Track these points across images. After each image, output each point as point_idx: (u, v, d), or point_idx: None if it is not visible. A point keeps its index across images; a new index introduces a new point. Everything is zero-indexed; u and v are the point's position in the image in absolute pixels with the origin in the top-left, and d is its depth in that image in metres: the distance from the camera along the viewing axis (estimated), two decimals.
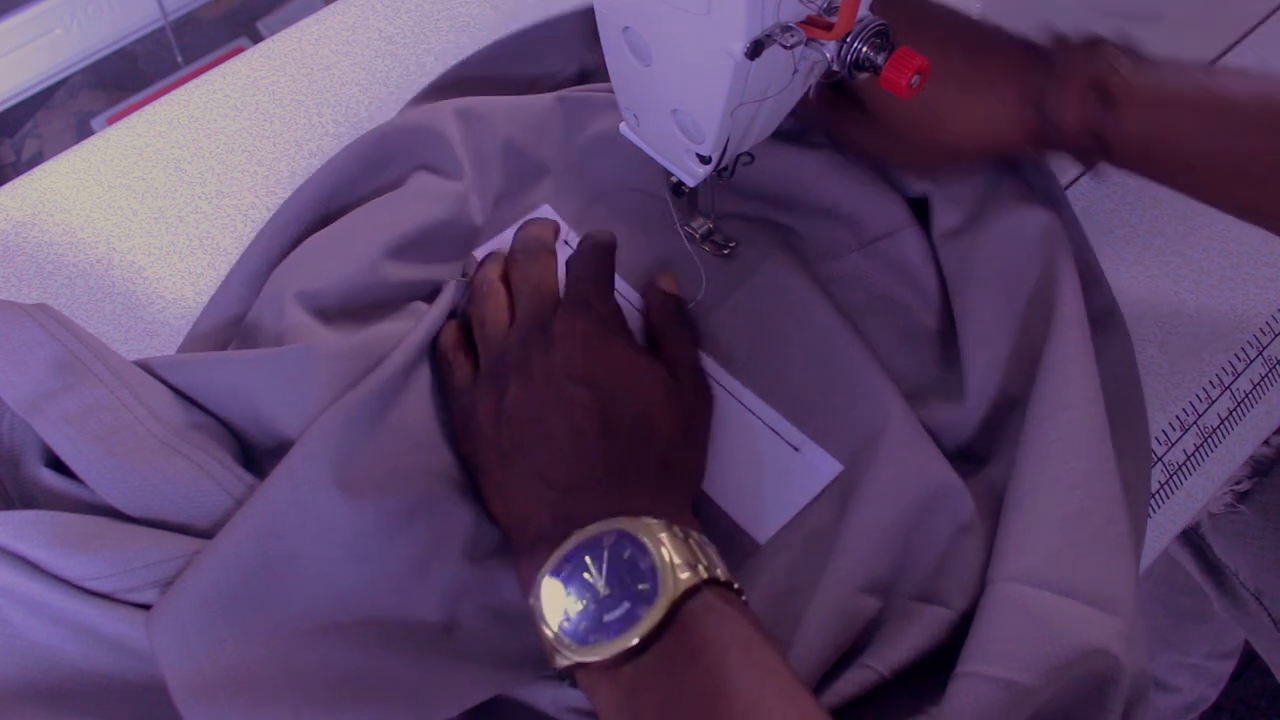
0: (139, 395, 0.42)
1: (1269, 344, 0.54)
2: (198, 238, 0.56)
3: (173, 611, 0.38)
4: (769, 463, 0.48)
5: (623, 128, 0.50)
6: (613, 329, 0.47)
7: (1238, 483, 0.66)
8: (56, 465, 0.42)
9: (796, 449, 0.49)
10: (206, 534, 0.41)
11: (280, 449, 0.43)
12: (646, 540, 0.38)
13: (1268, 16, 0.64)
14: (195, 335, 0.51)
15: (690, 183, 0.49)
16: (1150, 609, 0.88)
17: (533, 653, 0.40)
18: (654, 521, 0.39)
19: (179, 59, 1.22)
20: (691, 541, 0.39)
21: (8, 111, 1.18)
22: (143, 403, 0.42)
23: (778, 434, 0.49)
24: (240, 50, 0.69)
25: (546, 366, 0.45)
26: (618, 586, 0.38)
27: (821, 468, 0.48)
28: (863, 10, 0.38)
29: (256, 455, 0.45)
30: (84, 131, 1.24)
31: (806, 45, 0.38)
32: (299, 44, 0.63)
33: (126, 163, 0.58)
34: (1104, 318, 0.51)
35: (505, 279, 0.51)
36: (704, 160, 0.46)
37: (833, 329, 0.50)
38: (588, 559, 0.38)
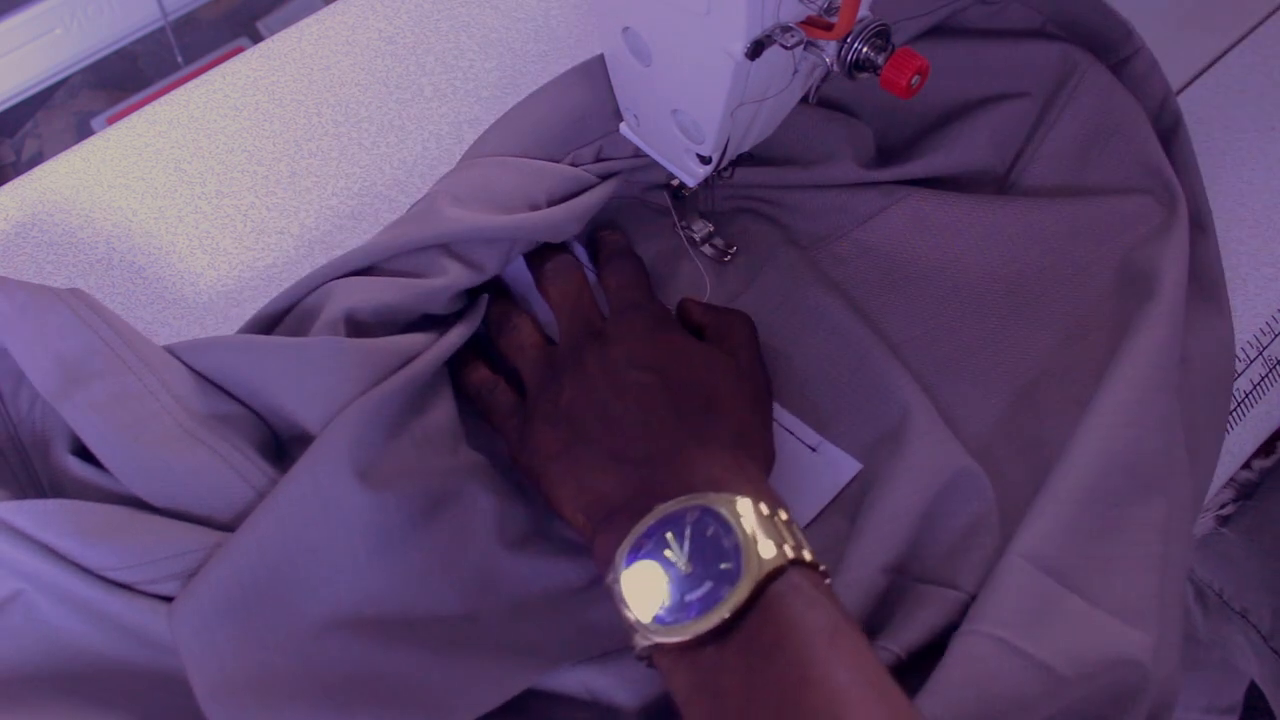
0: (166, 383, 0.42)
1: (1269, 344, 0.54)
2: (198, 238, 0.56)
3: (194, 606, 0.38)
4: (788, 465, 0.48)
5: (623, 128, 0.50)
6: (669, 323, 0.47)
7: (1221, 506, 0.66)
8: (84, 453, 0.42)
9: (814, 449, 0.48)
10: (229, 526, 0.41)
11: (304, 439, 0.43)
12: (730, 517, 0.36)
13: (1268, 16, 0.64)
14: (257, 318, 0.49)
15: (690, 183, 0.49)
16: None
17: (562, 642, 0.40)
18: (739, 497, 0.37)
19: (179, 59, 1.22)
20: (777, 519, 0.37)
21: (8, 111, 1.18)
22: (170, 391, 0.42)
23: (794, 435, 0.49)
24: (240, 50, 0.69)
25: (603, 363, 0.44)
26: (700, 564, 0.36)
27: (841, 467, 0.48)
28: (863, 10, 0.38)
29: (285, 444, 0.45)
30: (84, 131, 1.24)
31: (806, 45, 0.38)
32: (299, 44, 0.63)
33: (126, 163, 0.58)
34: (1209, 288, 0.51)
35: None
36: (704, 160, 0.46)
37: (843, 326, 0.50)
38: (669, 535, 0.37)
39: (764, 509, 0.37)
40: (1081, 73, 0.53)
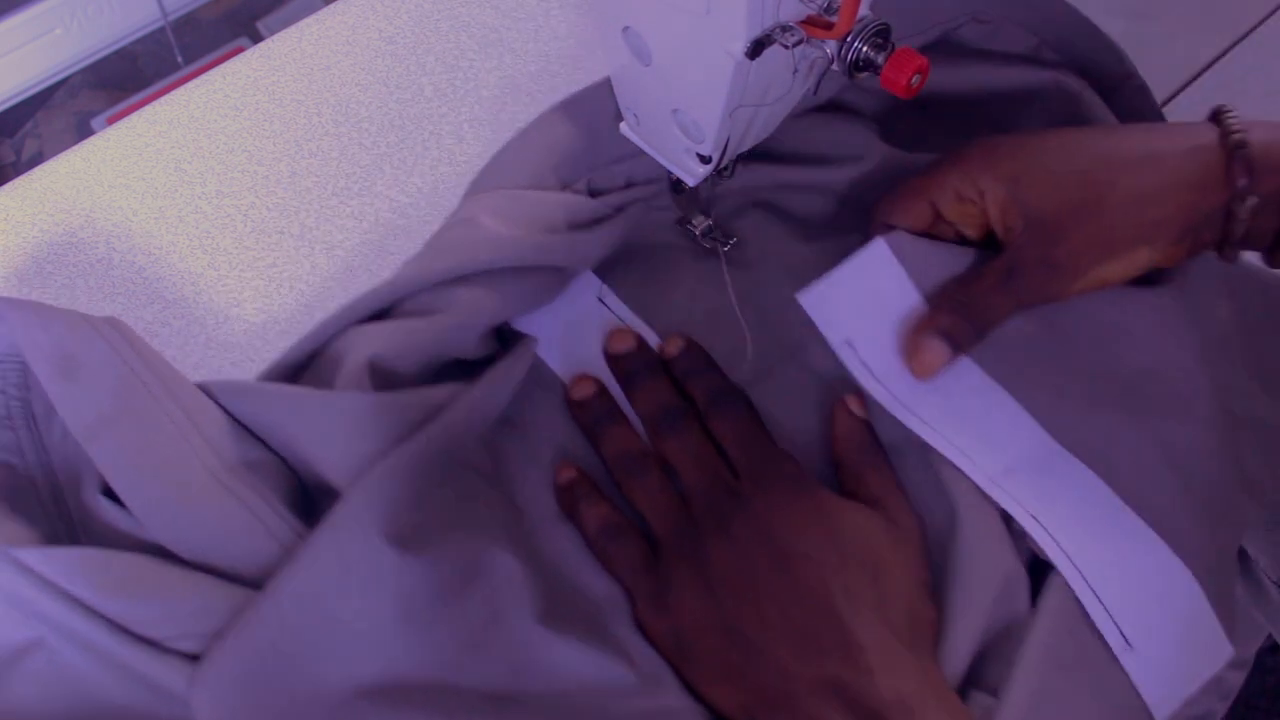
0: (199, 425, 0.41)
1: None
2: (198, 238, 0.56)
3: (214, 676, 0.37)
4: None
5: (623, 127, 0.50)
6: (810, 482, 0.43)
7: None
8: (112, 493, 0.41)
9: None
10: (253, 581, 0.39)
11: (332, 494, 0.41)
12: None
13: (1268, 16, 0.64)
14: (278, 365, 0.47)
15: (691, 182, 0.49)
16: None
17: None
18: None
19: (179, 59, 1.22)
20: None
21: (8, 111, 1.18)
22: (201, 433, 0.41)
23: None
24: (240, 50, 0.69)
25: (752, 529, 0.41)
26: None
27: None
28: (863, 10, 0.38)
29: (313, 494, 0.44)
30: (84, 131, 1.24)
31: (807, 45, 0.38)
32: (299, 44, 0.63)
33: (126, 163, 0.58)
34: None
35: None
36: (704, 160, 0.46)
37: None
38: None
39: None
40: (1075, 105, 0.52)
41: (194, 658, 0.38)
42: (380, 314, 0.46)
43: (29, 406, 0.43)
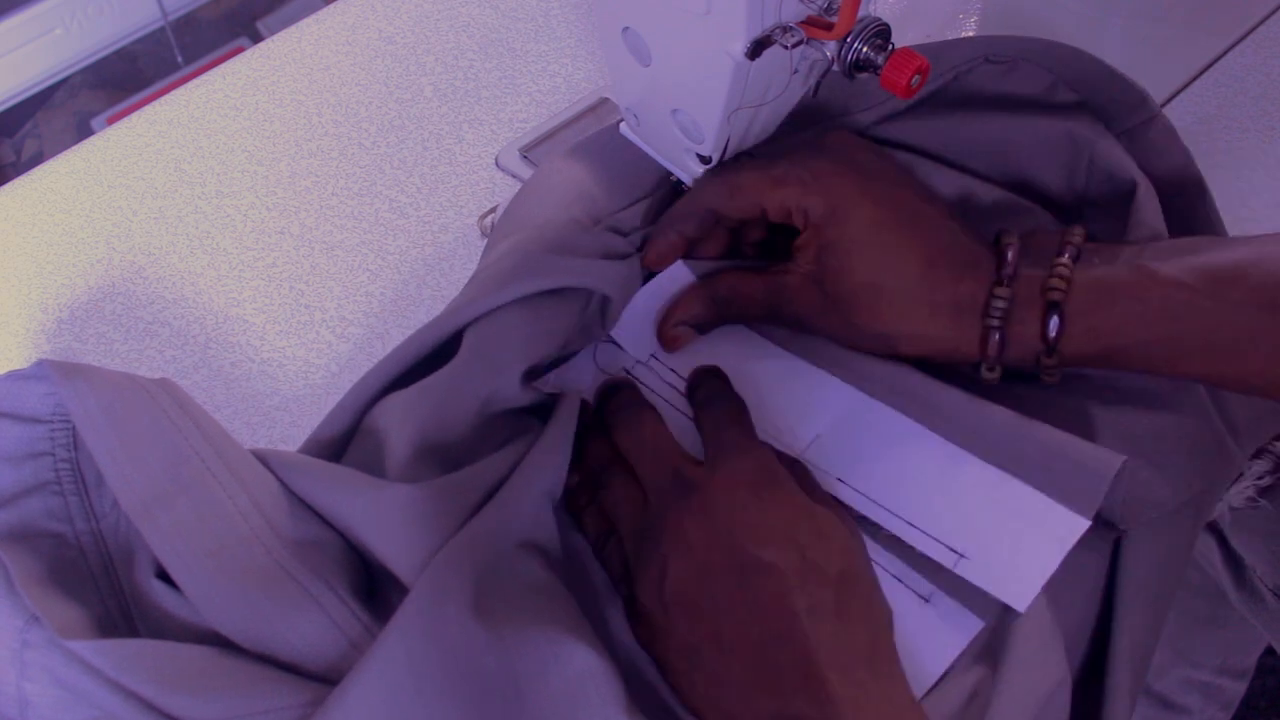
0: (258, 503, 0.38)
1: None
2: (198, 238, 0.56)
3: None
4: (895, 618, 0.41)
5: (623, 127, 0.50)
6: (780, 478, 0.40)
7: (1259, 478, 0.65)
8: (166, 574, 0.39)
9: (926, 599, 0.42)
10: (319, 676, 0.37)
11: (392, 576, 0.39)
12: None
13: (1268, 16, 0.64)
14: (318, 439, 0.45)
15: (690, 182, 0.49)
16: None
17: None
18: None
19: (179, 59, 1.22)
20: None
21: (8, 111, 1.18)
22: (261, 512, 0.38)
23: (903, 583, 0.43)
24: (240, 50, 0.69)
25: (710, 531, 0.39)
26: None
27: (959, 625, 0.41)
28: (863, 10, 0.38)
29: (375, 575, 0.41)
30: (84, 131, 1.24)
31: (807, 45, 0.38)
32: (299, 44, 0.63)
33: (126, 163, 0.58)
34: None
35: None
36: (704, 160, 0.46)
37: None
38: None
39: None
40: (1090, 152, 0.50)
41: None
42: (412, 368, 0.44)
43: (78, 470, 0.41)
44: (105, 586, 0.40)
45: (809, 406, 0.46)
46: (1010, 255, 0.43)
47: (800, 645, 0.36)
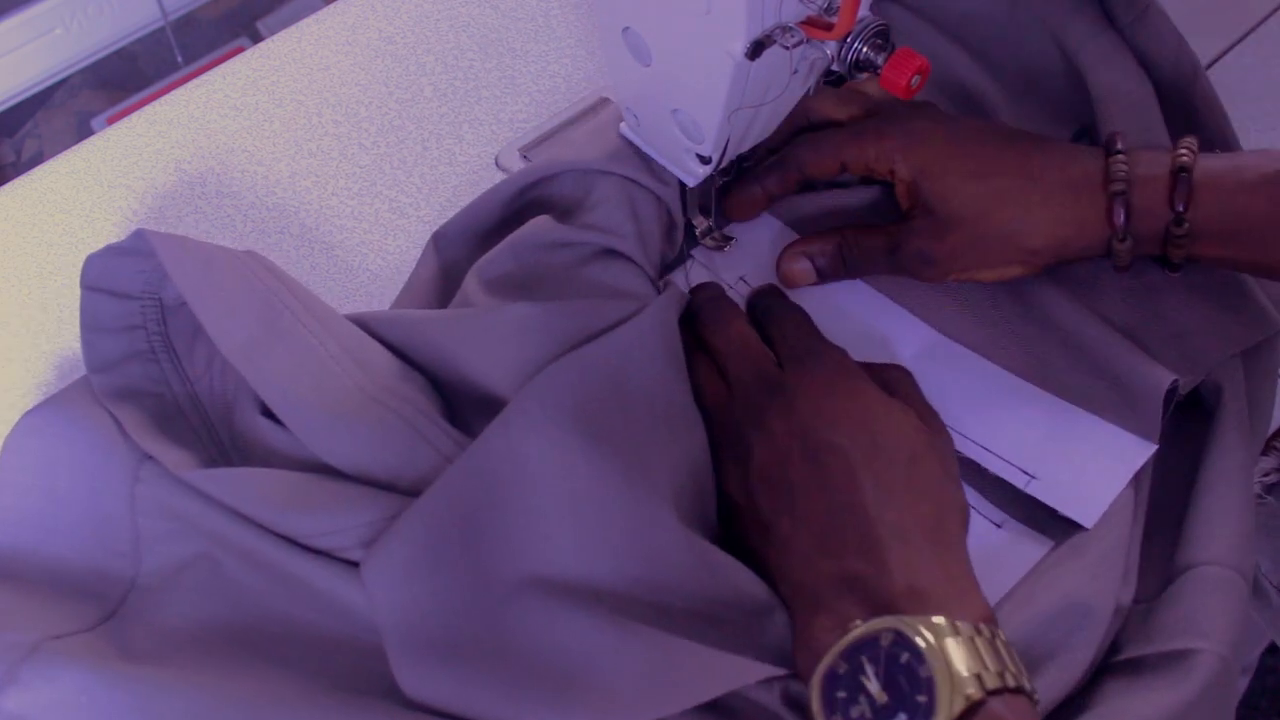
0: (348, 349, 0.42)
1: None
2: (198, 237, 0.56)
3: (387, 561, 0.38)
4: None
5: (623, 127, 0.50)
6: (854, 373, 0.43)
7: (1266, 474, 0.65)
8: (270, 413, 0.42)
9: (999, 526, 0.46)
10: (413, 491, 0.40)
11: (487, 406, 0.42)
12: (924, 646, 0.34)
13: (1268, 16, 0.64)
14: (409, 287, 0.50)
15: (690, 182, 0.49)
16: None
17: (761, 646, 0.39)
18: (937, 622, 0.35)
19: (179, 59, 1.22)
20: (979, 640, 0.35)
21: (8, 111, 1.18)
22: (352, 356, 0.42)
23: (977, 511, 0.46)
24: (240, 50, 0.69)
25: (789, 421, 0.41)
26: (894, 695, 0.34)
27: (1029, 545, 0.45)
28: (863, 10, 0.38)
29: (463, 414, 0.44)
30: (84, 131, 1.24)
31: (807, 45, 0.39)
32: (299, 44, 0.63)
33: (126, 163, 0.58)
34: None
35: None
36: (704, 160, 0.46)
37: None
38: (864, 659, 0.35)
39: (963, 628, 0.35)
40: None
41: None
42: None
43: (169, 341, 0.45)
44: (206, 437, 0.44)
45: (889, 341, 0.50)
46: (1120, 143, 0.46)
47: (862, 515, 0.39)
